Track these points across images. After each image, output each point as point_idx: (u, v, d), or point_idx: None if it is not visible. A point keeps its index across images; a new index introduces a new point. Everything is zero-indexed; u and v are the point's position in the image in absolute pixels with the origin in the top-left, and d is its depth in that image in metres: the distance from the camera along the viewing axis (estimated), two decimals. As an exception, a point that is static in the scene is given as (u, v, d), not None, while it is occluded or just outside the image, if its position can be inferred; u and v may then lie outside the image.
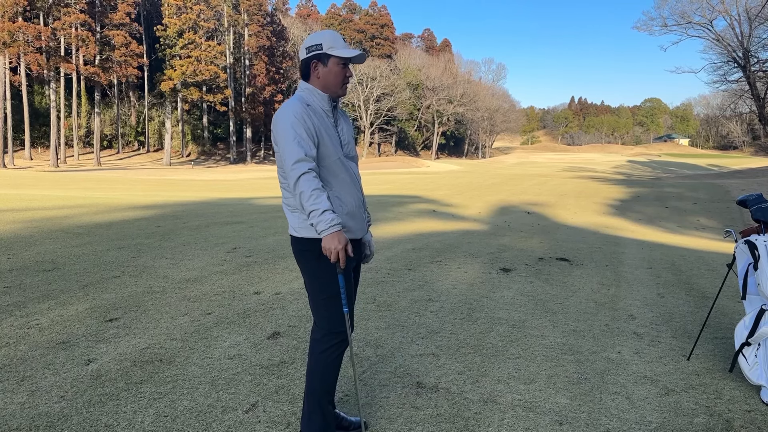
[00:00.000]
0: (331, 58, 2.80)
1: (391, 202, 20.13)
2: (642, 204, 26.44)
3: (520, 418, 3.32)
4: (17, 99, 54.96)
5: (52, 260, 6.67)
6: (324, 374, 2.85)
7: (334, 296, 2.81)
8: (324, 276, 2.79)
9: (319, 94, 2.81)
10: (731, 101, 52.92)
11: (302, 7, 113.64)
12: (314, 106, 2.78)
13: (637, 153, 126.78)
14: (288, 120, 2.67)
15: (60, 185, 25.09)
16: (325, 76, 2.81)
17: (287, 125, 2.66)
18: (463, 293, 6.07)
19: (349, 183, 2.86)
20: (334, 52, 2.78)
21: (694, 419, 3.37)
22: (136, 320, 4.73)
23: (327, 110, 2.84)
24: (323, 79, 2.82)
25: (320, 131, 2.73)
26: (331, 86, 2.83)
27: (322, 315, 2.84)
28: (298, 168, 2.62)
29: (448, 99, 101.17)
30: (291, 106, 2.71)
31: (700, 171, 66.93)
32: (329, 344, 2.83)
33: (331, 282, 2.79)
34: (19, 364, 3.73)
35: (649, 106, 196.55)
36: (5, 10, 47.54)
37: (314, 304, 2.88)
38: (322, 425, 2.86)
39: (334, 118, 2.88)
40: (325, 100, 2.83)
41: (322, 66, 2.81)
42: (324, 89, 2.83)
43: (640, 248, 10.23)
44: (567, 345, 4.56)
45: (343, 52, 2.79)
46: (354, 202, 2.86)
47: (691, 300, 6.12)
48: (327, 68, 2.81)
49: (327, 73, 2.81)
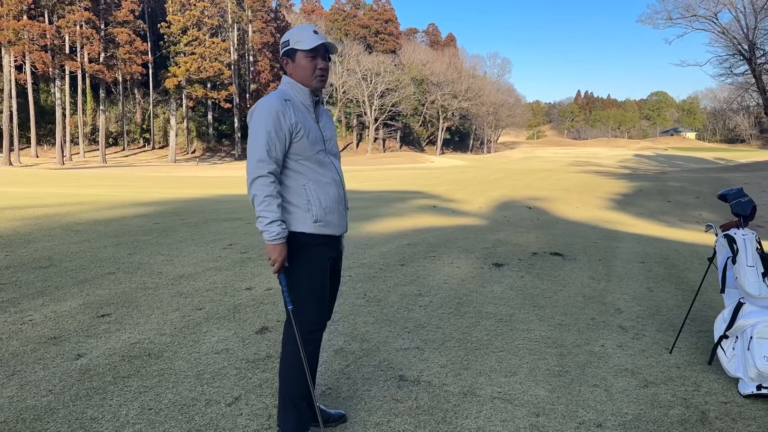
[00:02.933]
0: (297, 53, 2.82)
1: (392, 198, 20.19)
2: (644, 198, 26.38)
3: (498, 409, 3.38)
4: (23, 97, 55.22)
5: (49, 257, 6.77)
6: (298, 372, 2.86)
7: (307, 293, 2.85)
8: (301, 270, 2.82)
9: (300, 88, 2.85)
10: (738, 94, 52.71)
11: (306, 2, 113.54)
12: (295, 100, 2.81)
13: (643, 147, 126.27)
14: (262, 116, 2.70)
15: (64, 183, 25.26)
16: (295, 71, 2.85)
17: (260, 121, 2.70)
18: (453, 288, 6.13)
19: (330, 178, 2.89)
20: (298, 46, 2.82)
21: (669, 411, 3.42)
22: (127, 316, 4.82)
23: (308, 105, 2.87)
24: (295, 75, 2.85)
25: (299, 126, 2.75)
26: (304, 80, 2.84)
27: (295, 313, 2.84)
28: (258, 168, 2.67)
29: (453, 94, 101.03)
30: (268, 102, 2.74)
31: (706, 164, 66.63)
32: (301, 342, 2.85)
33: (306, 277, 2.83)
34: (11, 359, 3.82)
35: (656, 99, 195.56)
36: (10, 9, 47.78)
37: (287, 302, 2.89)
38: (297, 422, 2.90)
39: (317, 114, 2.91)
40: (306, 95, 2.86)
41: (291, 62, 2.86)
42: (301, 83, 2.86)
43: (636, 243, 10.25)
44: (551, 338, 4.61)
45: (305, 44, 2.81)
46: (334, 198, 2.89)
47: (680, 294, 6.16)
48: (295, 63, 2.84)
49: (296, 67, 2.84)
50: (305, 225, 2.79)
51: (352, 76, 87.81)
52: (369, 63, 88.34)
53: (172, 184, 27.68)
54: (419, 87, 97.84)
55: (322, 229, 2.84)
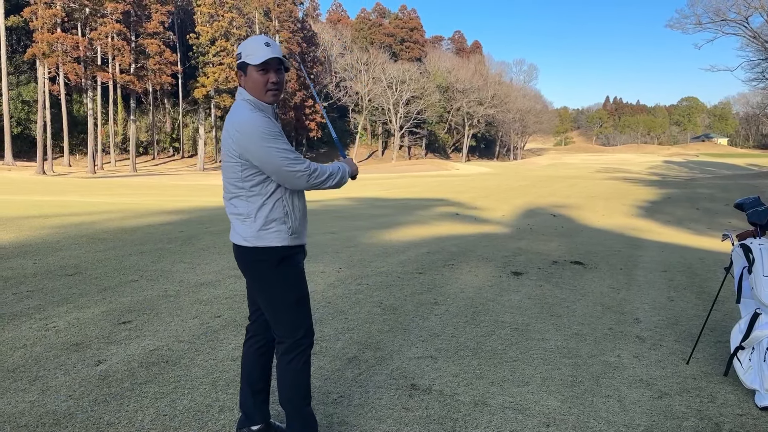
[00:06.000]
0: (248, 66, 2.74)
1: (415, 205, 20.21)
2: (672, 205, 25.96)
3: (509, 419, 3.38)
4: (56, 108, 56.56)
5: (75, 265, 6.94)
6: (295, 382, 2.86)
7: (296, 301, 2.84)
8: (284, 282, 2.80)
9: (258, 101, 2.77)
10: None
11: (333, 12, 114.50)
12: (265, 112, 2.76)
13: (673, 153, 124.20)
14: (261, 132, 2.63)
15: (94, 191, 25.82)
16: (246, 85, 2.77)
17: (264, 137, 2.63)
18: (470, 297, 6.13)
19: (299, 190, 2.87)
20: (249, 60, 2.73)
21: (683, 423, 3.39)
22: (147, 323, 4.92)
23: (271, 116, 2.79)
24: (248, 88, 2.77)
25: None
26: (256, 94, 2.76)
27: (284, 324, 2.84)
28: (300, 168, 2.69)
29: (479, 101, 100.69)
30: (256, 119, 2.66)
31: (738, 171, 65.26)
32: (295, 353, 2.84)
33: (292, 287, 2.82)
34: (33, 365, 3.94)
35: (686, 105, 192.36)
36: (44, 22, 49.06)
37: (274, 313, 2.86)
38: (302, 428, 2.91)
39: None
40: (269, 108, 2.79)
41: (243, 75, 2.77)
42: (254, 96, 2.77)
43: (659, 251, 10.12)
44: (567, 348, 4.59)
45: (255, 58, 2.71)
46: (302, 208, 2.90)
47: (701, 304, 6.07)
48: (247, 76, 2.76)
49: (247, 80, 2.76)
50: (283, 239, 2.76)
51: (378, 84, 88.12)
52: (394, 71, 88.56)
53: (199, 192, 28.07)
54: (444, 94, 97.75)
55: (297, 240, 2.84)
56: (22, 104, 58.32)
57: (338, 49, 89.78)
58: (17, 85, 58.68)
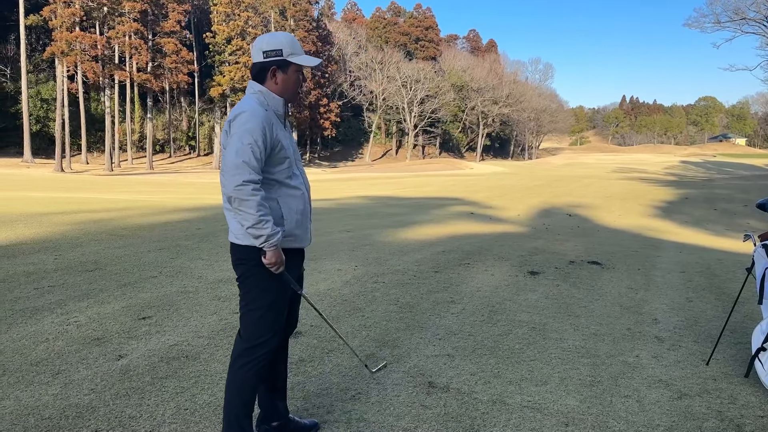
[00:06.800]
0: (291, 66, 2.71)
1: (430, 205, 20.20)
2: (690, 206, 25.72)
3: (527, 418, 3.38)
4: (74, 106, 57.19)
5: (95, 261, 7.03)
6: (243, 389, 2.79)
7: (270, 305, 2.77)
8: (266, 284, 2.75)
9: (275, 98, 2.72)
10: (791, 99, 50.78)
11: (348, 11, 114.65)
12: (270, 110, 2.70)
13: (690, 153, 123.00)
14: (250, 123, 2.56)
15: (112, 189, 26.08)
16: (284, 83, 2.73)
17: (248, 127, 2.55)
18: (486, 296, 6.12)
19: (300, 192, 2.82)
20: (294, 60, 2.70)
21: (703, 423, 3.37)
22: (167, 318, 4.97)
23: (281, 115, 2.75)
24: (282, 86, 2.73)
25: (279, 137, 2.67)
26: (288, 93, 2.75)
27: (250, 325, 2.79)
28: (247, 172, 2.52)
29: (494, 100, 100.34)
30: (255, 111, 2.60)
31: (757, 171, 64.45)
32: (251, 358, 2.77)
33: (269, 290, 2.76)
34: (56, 359, 4.00)
35: (704, 104, 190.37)
36: (63, 21, 49.61)
37: (246, 312, 2.81)
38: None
39: (285, 122, 2.81)
40: (281, 105, 2.74)
41: (281, 73, 2.72)
42: (281, 95, 2.74)
43: (677, 251, 10.03)
44: (585, 348, 4.57)
45: (305, 60, 2.72)
46: (301, 211, 2.82)
47: (720, 305, 6.02)
48: (286, 75, 2.72)
49: (286, 80, 2.73)
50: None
51: (392, 83, 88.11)
52: (409, 70, 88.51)
53: (215, 190, 28.25)
54: (459, 93, 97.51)
55: (291, 243, 2.79)
56: (41, 102, 59.11)
57: (353, 48, 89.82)
58: (36, 83, 59.47)
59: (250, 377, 2.78)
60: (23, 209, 11.13)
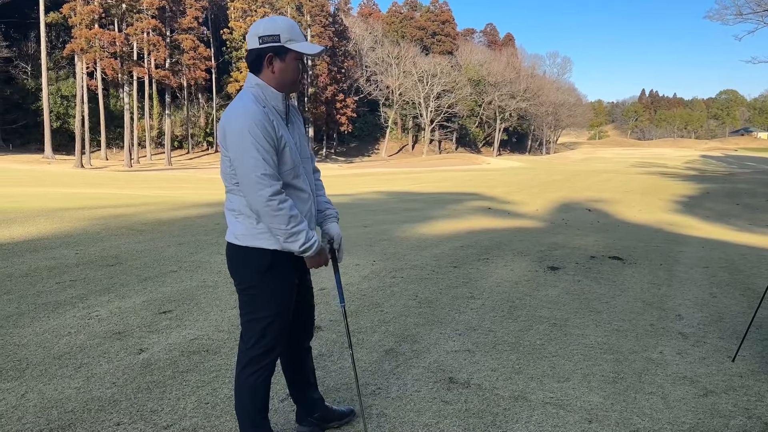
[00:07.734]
0: (289, 53, 2.47)
1: (447, 200, 20.12)
2: (712, 201, 25.33)
3: (550, 415, 3.34)
4: (94, 102, 57.75)
5: (116, 255, 7.08)
6: (254, 396, 2.69)
7: (275, 315, 2.62)
8: (270, 293, 2.59)
9: (273, 93, 2.50)
10: (815, 91, 49.79)
11: (364, 6, 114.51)
12: (269, 107, 2.48)
13: (711, 147, 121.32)
14: (246, 127, 2.36)
15: (131, 184, 26.32)
16: (281, 73, 2.48)
17: (246, 133, 2.36)
18: (506, 291, 6.07)
19: (306, 192, 2.64)
20: (293, 46, 2.46)
21: (730, 421, 3.30)
22: (188, 312, 4.99)
23: (281, 111, 2.53)
24: (279, 76, 2.49)
25: (281, 135, 2.46)
26: (287, 84, 2.52)
27: (252, 335, 2.63)
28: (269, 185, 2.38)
29: (511, 94, 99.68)
30: (249, 111, 2.38)
31: (779, 166, 63.36)
32: (257, 367, 2.65)
33: (272, 300, 2.60)
34: (78, 352, 4.03)
35: (725, 98, 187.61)
36: (83, 18, 50.11)
37: (247, 321, 2.65)
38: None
39: (287, 118, 2.59)
40: (279, 100, 2.52)
41: (278, 61, 2.47)
42: (279, 86, 2.50)
43: (700, 247, 9.88)
44: (607, 344, 4.51)
45: (305, 47, 2.48)
46: (306, 212, 2.63)
47: (745, 300, 5.91)
48: (284, 64, 2.47)
49: (284, 69, 2.48)
50: (275, 241, 2.52)
51: (409, 78, 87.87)
52: (425, 65, 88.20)
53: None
54: (476, 88, 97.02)
55: None
56: (61, 99, 59.83)
57: (369, 43, 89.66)
58: (56, 80, 60.19)
59: (260, 384, 2.68)
60: (44, 205, 11.26)
